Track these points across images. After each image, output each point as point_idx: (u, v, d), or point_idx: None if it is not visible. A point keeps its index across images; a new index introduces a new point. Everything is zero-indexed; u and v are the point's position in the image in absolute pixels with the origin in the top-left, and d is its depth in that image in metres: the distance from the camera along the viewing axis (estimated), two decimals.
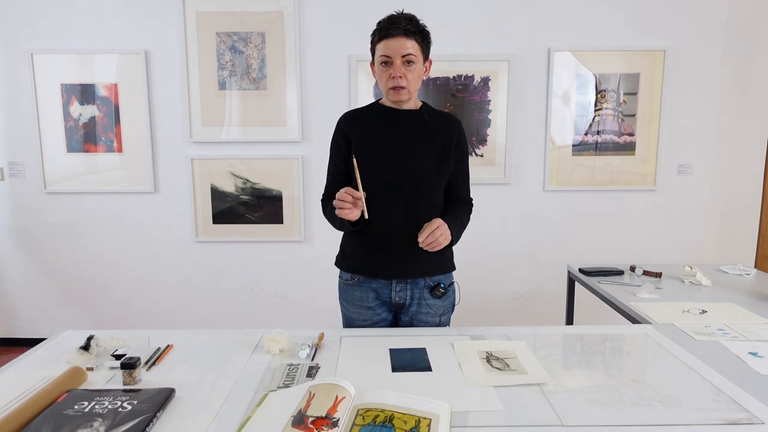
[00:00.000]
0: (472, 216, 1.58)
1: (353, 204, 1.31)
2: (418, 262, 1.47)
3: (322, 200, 1.57)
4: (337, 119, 1.53)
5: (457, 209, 1.52)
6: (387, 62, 1.36)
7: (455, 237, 1.42)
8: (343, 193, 1.31)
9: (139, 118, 2.91)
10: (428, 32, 1.40)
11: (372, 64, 1.45)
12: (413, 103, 1.47)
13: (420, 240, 1.35)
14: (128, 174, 2.97)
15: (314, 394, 0.99)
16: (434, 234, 1.34)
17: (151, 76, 2.88)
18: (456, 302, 1.59)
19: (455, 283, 1.57)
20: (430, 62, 1.46)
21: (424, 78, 1.46)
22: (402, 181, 1.42)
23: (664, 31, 2.89)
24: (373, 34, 1.39)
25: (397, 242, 1.44)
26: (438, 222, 1.36)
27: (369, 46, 1.44)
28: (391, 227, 1.44)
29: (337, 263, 1.59)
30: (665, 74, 2.89)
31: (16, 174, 2.98)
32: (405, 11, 1.38)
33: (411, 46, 1.34)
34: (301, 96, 2.89)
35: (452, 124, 1.50)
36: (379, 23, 1.38)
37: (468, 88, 2.90)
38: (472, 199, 1.60)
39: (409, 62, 1.36)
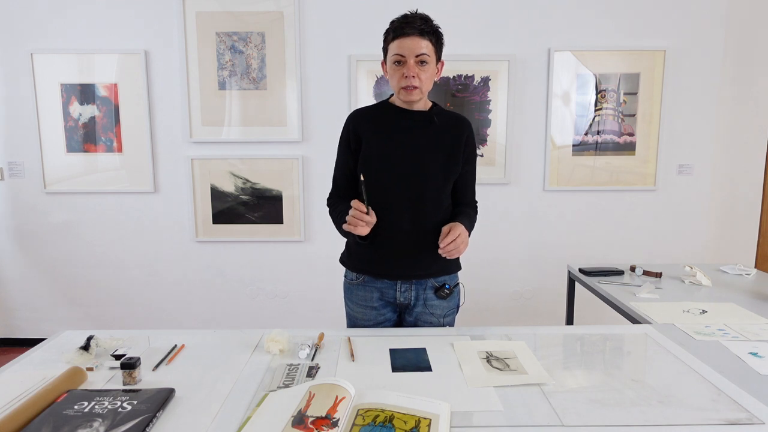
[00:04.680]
0: None
1: (365, 223, 1.31)
2: (424, 262, 1.46)
3: (328, 199, 1.56)
4: (347, 116, 1.52)
5: (466, 209, 1.51)
6: (400, 61, 1.34)
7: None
8: (356, 211, 1.31)
9: (139, 118, 2.91)
10: (441, 33, 1.40)
11: (384, 63, 1.44)
12: (423, 103, 1.45)
13: (441, 246, 1.33)
14: (128, 174, 2.97)
15: (314, 394, 0.99)
16: (456, 242, 1.32)
17: (150, 76, 2.88)
18: (460, 303, 1.58)
19: (460, 284, 1.57)
20: (442, 63, 1.44)
21: (436, 80, 1.43)
22: (409, 182, 1.41)
23: (664, 31, 2.88)
24: (387, 32, 1.38)
25: (404, 243, 1.44)
26: (459, 229, 1.34)
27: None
28: (398, 228, 1.43)
29: (342, 261, 1.57)
30: (665, 74, 2.89)
31: (16, 174, 2.98)
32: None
33: (425, 46, 1.33)
34: (301, 96, 2.88)
35: (462, 125, 1.48)
36: (393, 22, 1.37)
37: (468, 88, 2.90)
38: (477, 202, 1.59)
39: (422, 62, 1.34)
